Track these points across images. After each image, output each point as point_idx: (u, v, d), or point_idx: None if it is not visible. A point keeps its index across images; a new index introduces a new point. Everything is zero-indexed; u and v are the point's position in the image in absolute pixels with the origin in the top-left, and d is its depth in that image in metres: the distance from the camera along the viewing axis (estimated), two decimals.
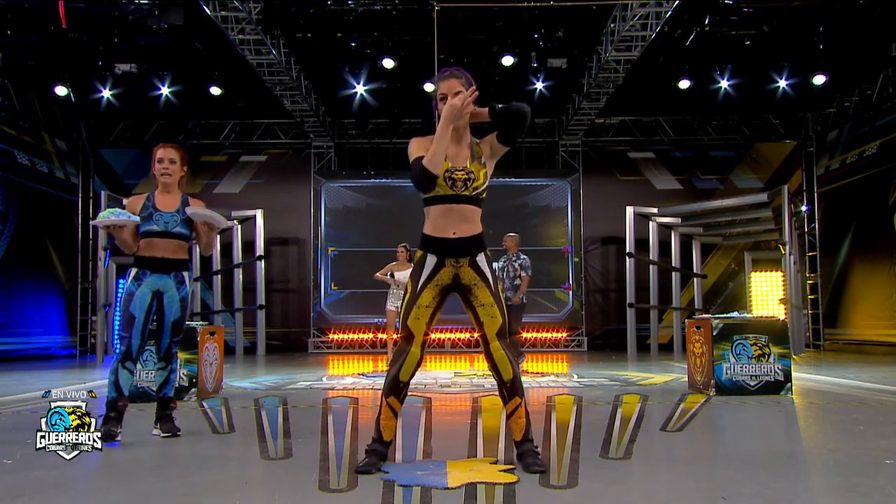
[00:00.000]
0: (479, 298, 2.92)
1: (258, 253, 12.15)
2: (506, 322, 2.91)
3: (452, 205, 2.90)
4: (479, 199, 2.95)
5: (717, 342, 5.30)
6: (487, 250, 3.00)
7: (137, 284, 3.61)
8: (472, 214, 2.93)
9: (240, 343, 12.05)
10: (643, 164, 13.11)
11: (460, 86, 2.96)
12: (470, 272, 2.93)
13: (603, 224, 12.70)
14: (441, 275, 2.94)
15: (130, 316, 3.57)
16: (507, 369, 2.89)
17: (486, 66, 10.72)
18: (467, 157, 2.96)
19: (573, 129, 12.57)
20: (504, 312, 2.93)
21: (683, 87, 11.17)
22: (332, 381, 7.09)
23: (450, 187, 2.89)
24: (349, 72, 11.09)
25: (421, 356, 2.93)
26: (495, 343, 2.89)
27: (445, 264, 2.93)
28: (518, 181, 12.78)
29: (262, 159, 13.20)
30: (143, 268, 3.63)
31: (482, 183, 2.93)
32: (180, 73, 11.05)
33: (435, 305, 2.95)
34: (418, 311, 2.92)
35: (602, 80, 10.34)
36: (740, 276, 12.67)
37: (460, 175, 2.89)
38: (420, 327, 2.92)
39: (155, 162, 3.71)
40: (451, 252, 2.92)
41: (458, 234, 2.91)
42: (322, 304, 12.59)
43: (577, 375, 7.45)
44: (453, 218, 2.91)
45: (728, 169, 13.00)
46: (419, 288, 2.93)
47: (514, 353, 2.88)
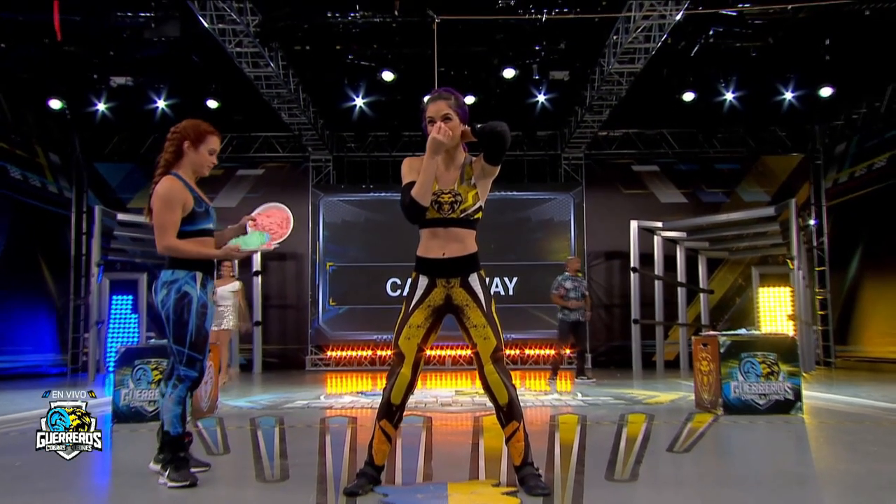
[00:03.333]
0: (471, 319, 2.92)
1: (255, 268, 12.15)
2: (500, 345, 2.91)
3: (439, 228, 2.94)
4: (469, 221, 2.97)
5: (725, 360, 5.28)
6: (482, 271, 3.01)
7: (206, 294, 3.18)
8: (462, 235, 2.96)
9: (236, 360, 11.95)
10: (647, 177, 13.13)
11: (447, 108, 2.94)
12: (461, 293, 2.95)
13: (606, 238, 12.70)
14: (433, 296, 2.96)
15: (206, 335, 3.16)
16: (502, 393, 2.87)
17: (487, 79, 10.77)
18: (455, 179, 2.98)
19: (576, 141, 12.60)
20: (498, 333, 2.91)
21: (688, 99, 11.20)
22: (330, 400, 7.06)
23: (436, 210, 2.93)
24: (348, 84, 11.14)
25: (412, 378, 2.92)
26: (489, 366, 2.88)
27: (437, 285, 2.96)
28: (520, 195, 12.80)
29: (260, 173, 13.23)
30: (208, 273, 3.23)
31: (471, 205, 2.95)
32: (177, 86, 11.11)
33: (428, 326, 2.95)
34: (409, 330, 2.93)
35: (605, 92, 10.38)
36: (748, 292, 12.64)
37: (446, 198, 2.93)
38: (411, 348, 2.92)
39: (206, 151, 3.31)
40: (441, 273, 2.95)
41: (447, 254, 2.94)
42: (320, 320, 12.57)
43: (581, 394, 7.41)
44: (442, 240, 2.95)
45: (734, 182, 13.02)
46: (411, 308, 2.96)
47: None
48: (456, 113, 2.94)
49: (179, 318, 3.11)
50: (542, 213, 12.76)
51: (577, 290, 8.94)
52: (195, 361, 3.14)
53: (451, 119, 2.93)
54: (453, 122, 2.93)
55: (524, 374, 10.86)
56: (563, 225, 12.74)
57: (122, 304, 12.29)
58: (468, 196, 2.95)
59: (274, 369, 12.22)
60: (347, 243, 12.73)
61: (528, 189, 12.92)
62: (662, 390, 7.74)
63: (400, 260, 11.51)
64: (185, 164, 3.29)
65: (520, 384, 9.06)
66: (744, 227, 11.19)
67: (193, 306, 3.12)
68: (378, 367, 12.09)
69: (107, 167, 12.99)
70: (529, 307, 12.30)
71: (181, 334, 3.12)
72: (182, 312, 3.11)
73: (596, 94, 10.49)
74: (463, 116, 2.98)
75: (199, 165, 3.32)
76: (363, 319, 12.35)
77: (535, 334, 12.31)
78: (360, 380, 10.13)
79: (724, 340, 5.35)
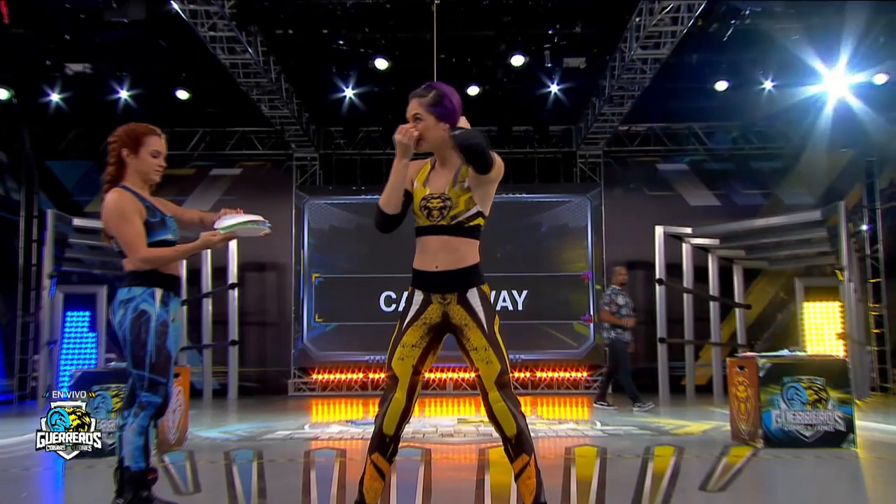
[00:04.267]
0: (471, 341, 2.94)
1: (230, 280, 12.13)
2: (505, 369, 2.92)
3: (431, 236, 2.99)
4: (463, 229, 3.00)
5: (765, 385, 5.28)
6: (484, 285, 3.04)
7: (167, 312, 3.28)
8: (458, 245, 2.99)
9: (208, 385, 11.98)
10: (674, 177, 13.12)
11: (418, 107, 3.03)
12: (459, 311, 2.97)
13: (628, 246, 12.65)
14: (429, 313, 2.99)
15: (168, 355, 3.23)
16: (509, 423, 2.88)
17: (493, 67, 10.76)
18: (447, 183, 3.01)
19: (593, 137, 12.61)
20: (502, 356, 2.92)
21: (721, 88, 11.19)
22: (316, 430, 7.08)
23: (426, 217, 2.99)
24: (336, 73, 11.14)
25: (408, 404, 2.93)
26: (494, 393, 2.89)
27: (432, 301, 2.99)
28: (530, 197, 12.80)
29: (236, 172, 13.23)
30: (170, 290, 3.33)
31: (463, 210, 2.97)
32: (142, 74, 11.09)
33: (425, 346, 2.98)
34: (403, 350, 2.95)
35: (626, 81, 10.38)
36: (790, 307, 12.59)
37: (435, 203, 2.98)
38: (405, 369, 2.93)
39: (148, 154, 3.41)
40: (435, 287, 2.99)
41: (440, 267, 2.97)
42: (304, 339, 12.54)
43: (601, 422, 7.43)
44: (434, 250, 2.98)
45: (774, 182, 13.01)
46: (404, 325, 3.00)
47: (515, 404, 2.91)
48: (430, 112, 3.01)
49: (137, 339, 3.17)
50: (554, 218, 12.76)
51: (629, 307, 9.05)
52: (158, 385, 3.17)
53: (421, 119, 3.01)
54: (424, 122, 3.01)
55: (535, 399, 10.86)
56: (578, 231, 12.73)
57: (78, 322, 12.23)
58: (459, 201, 2.98)
59: (252, 395, 12.18)
60: (336, 252, 12.72)
61: (539, 191, 12.92)
62: (693, 419, 7.74)
63: (395, 271, 11.50)
64: (131, 173, 3.39)
65: (530, 412, 9.05)
66: (785, 233, 11.17)
67: (152, 325, 3.19)
68: (371, 393, 12.04)
69: (61, 166, 12.99)
70: (541, 324, 12.30)
71: (140, 356, 3.16)
72: (140, 332, 3.17)
73: (616, 84, 10.50)
74: (443, 115, 3.02)
75: (145, 172, 3.41)
76: (354, 338, 12.31)
77: (548, 355, 12.28)
78: (350, 407, 10.13)
79: (763, 363, 5.36)
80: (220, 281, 12.12)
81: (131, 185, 3.36)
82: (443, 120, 3.01)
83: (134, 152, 3.40)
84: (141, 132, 3.45)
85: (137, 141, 3.42)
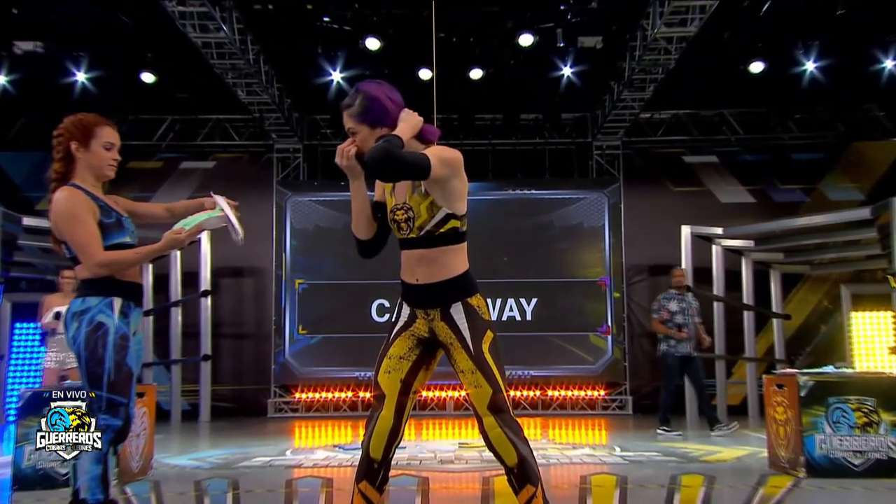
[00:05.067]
0: (457, 363, 2.98)
1: (203, 287, 12.10)
2: (499, 391, 2.91)
3: (405, 250, 3.07)
4: (436, 238, 3.00)
5: (807, 406, 5.28)
6: (473, 297, 3.02)
7: (127, 323, 3.28)
8: (436, 256, 3.01)
9: (177, 406, 11.94)
10: (703, 170, 13.11)
11: (349, 121, 3.06)
12: (444, 328, 3.00)
13: (650, 248, 12.65)
14: (416, 326, 3.07)
15: (129, 373, 3.23)
16: (508, 452, 2.91)
17: (500, 48, 10.75)
18: (407, 188, 3.04)
19: (611, 126, 12.58)
20: (493, 377, 2.91)
21: (756, 70, 11.18)
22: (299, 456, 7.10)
23: (397, 230, 3.07)
24: (323, 54, 11.13)
25: (396, 423, 2.94)
26: (489, 419, 2.91)
27: (417, 315, 3.06)
28: (539, 194, 12.76)
29: (210, 166, 13.23)
30: (130, 299, 3.33)
31: (427, 218, 2.98)
32: (102, 54, 11.06)
33: (414, 358, 3.03)
34: (389, 363, 3.00)
35: (649, 63, 10.36)
36: (836, 317, 12.56)
37: (400, 215, 3.04)
38: (392, 384, 2.96)
39: (100, 147, 3.40)
40: (416, 302, 3.06)
41: (420, 280, 3.03)
42: (286, 353, 12.51)
43: (620, 447, 7.45)
44: (413, 264, 3.05)
45: (816, 176, 12.98)
46: (392, 337, 3.07)
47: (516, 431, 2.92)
48: (362, 123, 3.03)
49: (93, 355, 3.17)
50: (568, 217, 12.72)
51: (685, 314, 8.93)
52: (117, 407, 3.17)
53: (355, 133, 3.05)
54: (360, 134, 3.03)
55: (546, 421, 10.85)
56: (594, 232, 12.70)
57: (28, 335, 12.19)
58: (420, 209, 3.00)
59: (226, 416, 12.16)
60: (322, 255, 12.69)
61: (549, 186, 12.89)
62: (725, 444, 7.73)
63: (388, 277, 11.16)
64: (81, 169, 3.38)
65: (540, 435, 9.02)
66: (830, 233, 11.12)
67: (110, 339, 3.19)
68: (361, 414, 12.01)
69: (9, 157, 12.94)
70: (553, 336, 12.27)
71: (97, 374, 3.16)
72: (96, 347, 3.17)
73: (637, 66, 10.48)
74: (376, 120, 3.03)
75: (98, 167, 3.40)
76: (342, 352, 12.29)
77: (560, 371, 12.25)
78: (338, 430, 10.15)
79: (805, 381, 5.36)
80: (190, 288, 12.09)
81: (82, 182, 3.35)
82: (378, 125, 3.02)
83: (84, 145, 3.38)
84: (91, 122, 3.43)
85: (87, 132, 3.40)
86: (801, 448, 5.24)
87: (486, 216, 11.93)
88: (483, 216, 11.77)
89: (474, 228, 3.63)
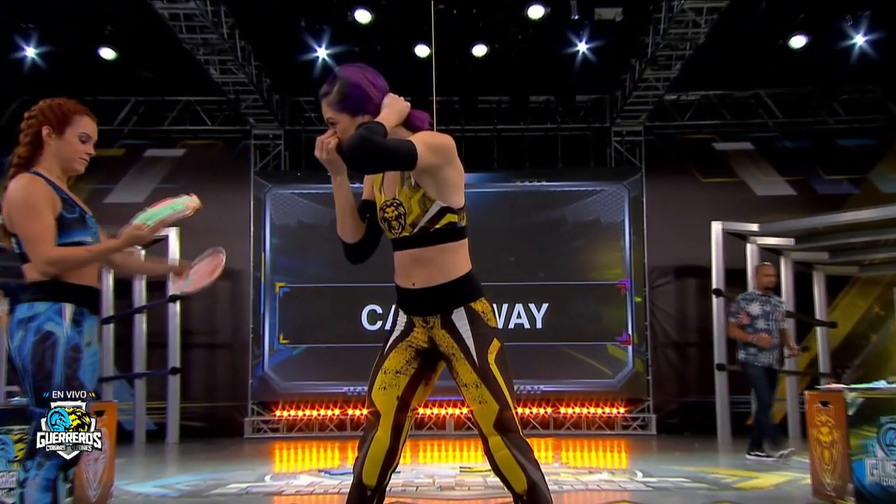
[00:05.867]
0: (460, 375, 2.99)
1: (170, 292, 12.07)
2: (507, 407, 2.92)
3: (398, 251, 3.10)
4: (432, 235, 3.01)
5: (856, 426, 5.27)
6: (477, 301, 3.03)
7: (79, 333, 3.27)
8: (434, 256, 3.02)
9: (141, 425, 11.93)
10: (736, 158, 13.12)
11: (328, 110, 3.08)
12: (446, 337, 3.01)
13: (676, 247, 12.69)
14: (414, 335, 3.09)
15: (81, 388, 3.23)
16: (517, 477, 2.91)
17: (506, 21, 10.76)
18: (396, 182, 3.08)
19: (632, 109, 12.61)
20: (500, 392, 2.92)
21: (797, 45, 11.18)
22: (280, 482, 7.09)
23: (388, 230, 3.10)
24: (306, 28, 11.13)
25: (393, 445, 2.96)
26: (495, 439, 2.92)
27: (415, 323, 3.08)
28: (551, 185, 12.78)
29: (179, 154, 13.24)
30: (84, 305, 3.33)
31: (420, 213, 3.00)
32: (54, 28, 11.04)
33: (413, 372, 3.04)
34: (385, 378, 3.02)
35: (675, 38, 10.37)
36: (888, 325, 12.57)
37: (390, 213, 3.07)
38: (388, 401, 2.98)
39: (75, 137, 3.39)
40: (414, 308, 3.08)
41: (417, 283, 3.04)
42: (265, 365, 12.51)
43: (642, 472, 7.44)
44: (407, 266, 3.07)
45: (866, 165, 12.99)
46: (387, 349, 3.09)
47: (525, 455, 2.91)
48: (342, 111, 3.05)
49: (40, 368, 3.16)
50: (583, 212, 12.75)
51: (769, 318, 8.53)
52: None
53: (335, 123, 3.07)
54: (340, 124, 3.06)
55: (559, 442, 10.87)
56: (613, 228, 12.71)
57: None
58: (412, 203, 3.02)
59: (198, 437, 12.17)
60: (306, 255, 12.70)
61: (563, 177, 12.91)
62: (762, 469, 7.69)
63: (381, 279, 11.13)
64: (49, 157, 3.39)
65: (551, 458, 9.02)
66: (882, 230, 11.11)
67: (59, 350, 3.18)
68: (349, 434, 12.03)
69: None
70: (566, 346, 12.31)
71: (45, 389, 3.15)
72: (44, 359, 3.16)
73: (662, 41, 10.49)
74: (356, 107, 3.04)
75: (68, 158, 3.41)
76: (328, 364, 12.31)
77: (575, 385, 12.28)
78: (324, 452, 10.20)
79: (853, 398, 5.35)
80: (157, 292, 12.08)
81: (46, 171, 3.35)
82: (359, 113, 3.03)
83: (58, 132, 3.38)
84: (70, 109, 3.42)
85: (64, 119, 3.39)
86: (849, 474, 5.24)
87: (490, 211, 11.92)
88: (487, 211, 11.76)
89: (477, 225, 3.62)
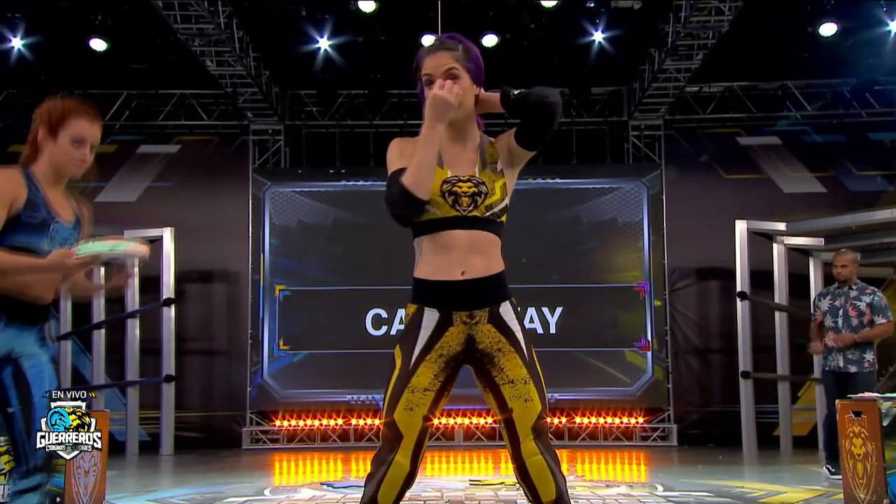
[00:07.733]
0: (506, 372, 2.93)
1: (165, 295, 12.09)
2: (546, 409, 2.92)
3: (457, 231, 2.97)
4: (496, 224, 3.03)
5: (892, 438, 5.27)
6: (513, 298, 3.05)
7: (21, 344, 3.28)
8: (489, 245, 3.01)
9: (134, 436, 11.94)
10: (762, 153, 13.08)
11: (452, 61, 3.02)
12: (491, 332, 2.96)
13: (698, 247, 12.67)
14: (447, 339, 2.95)
15: None
16: (547, 485, 2.87)
17: (519, 9, 10.76)
18: (475, 162, 3.05)
19: (651, 102, 12.59)
20: (543, 393, 2.92)
21: (827, 33, 11.13)
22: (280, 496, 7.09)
23: (451, 206, 2.97)
24: (307, 18, 11.14)
25: (412, 469, 2.88)
26: (530, 444, 2.88)
27: (454, 322, 2.95)
28: (566, 183, 12.78)
29: (173, 150, 13.25)
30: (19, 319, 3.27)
31: (499, 199, 3.02)
32: (42, 18, 11.08)
33: (439, 387, 2.93)
34: (412, 397, 2.89)
35: (696, 26, 10.34)
36: None
37: (465, 188, 2.98)
38: (413, 423, 2.88)
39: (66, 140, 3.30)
40: (460, 302, 2.96)
41: (468, 274, 2.95)
42: (265, 373, 12.52)
43: (663, 486, 7.42)
44: (462, 251, 2.96)
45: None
46: (413, 362, 2.93)
47: None
48: (465, 69, 3.02)
49: None
50: (599, 211, 12.74)
51: (837, 314, 7.60)
52: None
53: (458, 77, 3.00)
54: (463, 81, 3.00)
55: (574, 454, 10.86)
56: (631, 228, 12.69)
57: None
58: (495, 187, 3.02)
59: (193, 448, 12.19)
60: (307, 257, 12.72)
61: (578, 174, 12.92)
62: (791, 483, 7.69)
63: (386, 281, 11.48)
64: (43, 161, 3.33)
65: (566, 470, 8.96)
66: None
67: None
68: (353, 445, 12.05)
69: None
70: (581, 352, 12.33)
71: None
72: None
73: (682, 30, 10.47)
74: (476, 75, 3.07)
75: (61, 162, 3.32)
76: (330, 372, 12.32)
77: (591, 394, 12.29)
78: (326, 464, 10.20)
79: (889, 407, 5.36)
80: (150, 295, 12.08)
81: (40, 174, 3.30)
82: (476, 82, 3.06)
83: (51, 134, 3.30)
84: (66, 109, 3.31)
85: (59, 120, 3.30)
86: (884, 488, 5.23)
87: None
88: None
89: None
